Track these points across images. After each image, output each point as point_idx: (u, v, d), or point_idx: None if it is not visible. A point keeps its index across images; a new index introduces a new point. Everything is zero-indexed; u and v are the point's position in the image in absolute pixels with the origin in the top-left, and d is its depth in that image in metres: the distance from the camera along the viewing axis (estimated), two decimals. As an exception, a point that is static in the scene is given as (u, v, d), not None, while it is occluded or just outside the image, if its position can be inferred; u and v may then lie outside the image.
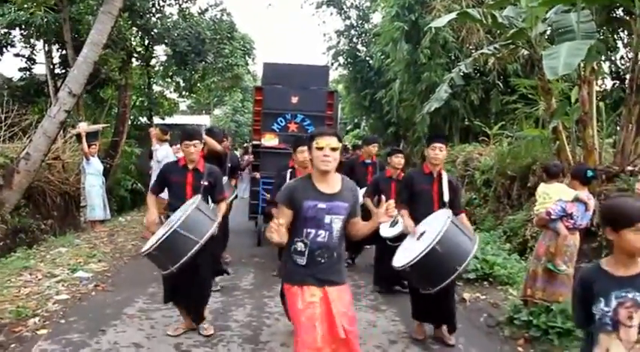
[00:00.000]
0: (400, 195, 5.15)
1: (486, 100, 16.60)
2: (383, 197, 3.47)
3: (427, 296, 4.43)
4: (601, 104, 10.75)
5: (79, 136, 10.19)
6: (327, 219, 3.27)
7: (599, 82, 12.55)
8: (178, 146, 6.07)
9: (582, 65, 8.76)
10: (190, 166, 4.89)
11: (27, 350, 4.43)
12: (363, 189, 6.75)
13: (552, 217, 5.07)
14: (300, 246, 3.27)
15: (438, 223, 4.35)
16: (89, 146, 9.97)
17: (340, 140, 3.34)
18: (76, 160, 11.95)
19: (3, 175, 9.51)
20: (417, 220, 4.73)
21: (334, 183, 3.36)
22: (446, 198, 4.74)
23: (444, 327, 4.93)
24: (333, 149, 3.24)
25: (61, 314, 5.32)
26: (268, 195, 7.07)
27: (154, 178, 7.79)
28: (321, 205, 3.26)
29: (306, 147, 3.48)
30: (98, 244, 8.82)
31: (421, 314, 4.94)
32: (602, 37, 11.87)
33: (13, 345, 4.51)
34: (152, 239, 4.55)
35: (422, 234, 4.48)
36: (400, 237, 5.26)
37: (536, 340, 4.83)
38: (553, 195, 5.23)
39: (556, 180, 5.46)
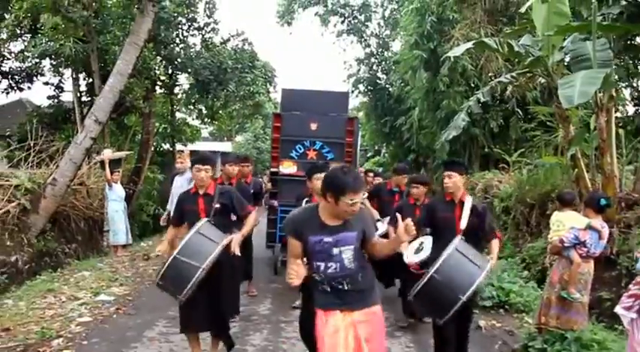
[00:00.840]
0: (419, 220, 5.16)
1: (506, 128, 16.63)
2: (398, 215, 3.44)
3: (447, 329, 4.31)
4: (621, 131, 10.76)
5: (102, 163, 10.50)
6: (335, 251, 3.25)
7: (621, 108, 12.54)
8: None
9: (600, 93, 8.85)
10: (201, 192, 4.75)
11: (51, 370, 4.57)
12: (387, 218, 6.49)
13: (565, 245, 5.11)
14: (317, 278, 3.30)
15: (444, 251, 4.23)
16: (112, 173, 10.29)
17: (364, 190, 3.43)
18: (100, 186, 12.23)
19: (30, 200, 9.77)
20: (438, 249, 4.46)
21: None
22: (462, 225, 4.55)
23: None
24: (363, 204, 3.31)
25: (84, 336, 5.49)
26: None
27: (170, 203, 7.99)
28: (327, 239, 3.24)
29: (322, 175, 3.52)
30: (120, 268, 9.02)
31: (442, 344, 4.66)
32: (622, 64, 11.93)
33: (38, 364, 4.66)
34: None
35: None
36: (426, 264, 5.02)
37: (552, 368, 4.84)
38: (567, 223, 5.27)
39: (570, 208, 5.51)
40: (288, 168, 9.44)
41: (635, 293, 3.69)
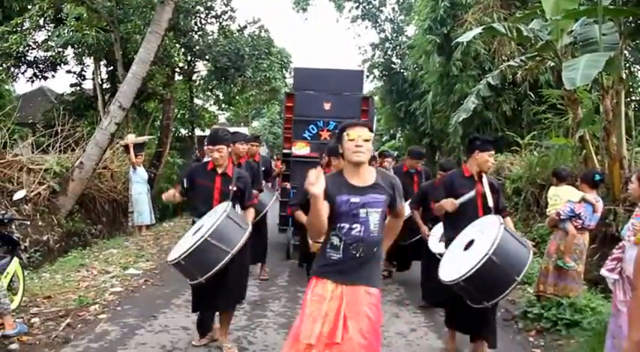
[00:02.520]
0: (425, 195, 5.27)
1: (519, 111, 16.80)
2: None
3: (462, 303, 4.15)
4: (630, 112, 10.95)
5: (126, 147, 10.95)
6: (362, 212, 3.09)
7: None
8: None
9: (605, 75, 9.08)
10: (219, 170, 4.62)
11: (91, 330, 5.09)
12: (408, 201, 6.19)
13: (562, 217, 5.48)
14: (335, 240, 3.11)
15: (488, 230, 4.05)
16: (136, 156, 10.73)
17: (372, 131, 3.19)
18: (124, 169, 12.75)
19: (59, 183, 10.29)
20: (460, 228, 4.39)
21: (368, 175, 3.19)
22: (490, 202, 4.42)
23: (484, 344, 4.48)
24: (366, 140, 3.10)
25: (117, 303, 5.99)
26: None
27: None
28: (355, 199, 3.09)
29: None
30: (145, 246, 9.51)
31: (457, 321, 4.59)
32: (636, 47, 12.03)
33: (79, 326, 5.21)
34: (179, 248, 4.32)
35: (470, 244, 4.15)
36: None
37: (546, 331, 5.24)
38: (563, 197, 5.64)
39: (565, 183, 5.86)
40: (301, 149, 9.21)
41: (617, 256, 4.06)
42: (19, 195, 6.54)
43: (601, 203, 5.56)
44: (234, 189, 4.59)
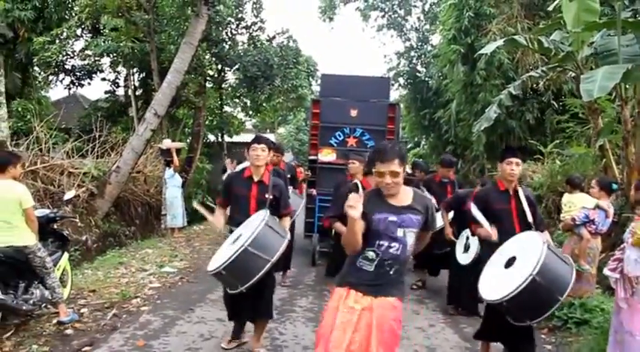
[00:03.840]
0: (457, 202, 5.29)
1: (542, 120, 16.96)
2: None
3: (501, 318, 4.04)
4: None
5: (165, 151, 11.36)
6: (400, 232, 3.17)
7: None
8: (233, 161, 5.84)
9: (625, 86, 9.29)
10: (256, 178, 4.63)
11: (135, 320, 5.57)
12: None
13: (577, 223, 5.80)
14: (371, 254, 3.17)
15: (531, 248, 3.94)
16: (173, 161, 11.21)
17: (403, 159, 3.16)
18: (156, 174, 13.30)
19: (97, 186, 10.86)
20: (497, 244, 4.26)
21: (405, 196, 3.25)
22: (529, 217, 4.32)
23: None
24: (394, 174, 3.11)
25: (157, 297, 6.48)
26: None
27: None
28: (392, 218, 3.16)
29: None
30: (178, 247, 10.02)
31: (492, 332, 4.47)
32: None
33: (124, 316, 5.71)
34: (218, 258, 4.28)
35: (511, 261, 4.04)
36: (477, 262, 5.02)
37: (557, 329, 5.56)
38: (577, 204, 5.96)
39: (578, 190, 6.18)
40: (327, 155, 9.15)
41: (618, 257, 4.38)
42: (69, 194, 7.02)
43: (612, 209, 5.85)
44: (271, 197, 4.57)
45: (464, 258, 6.08)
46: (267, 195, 4.56)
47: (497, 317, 4.13)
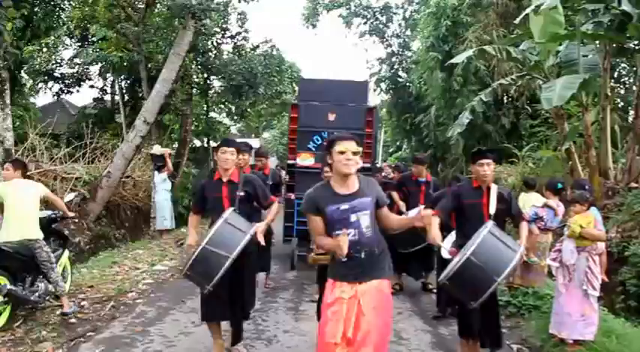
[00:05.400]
0: (439, 202, 5.11)
1: (517, 124, 17.62)
2: (402, 203, 3.83)
3: (472, 311, 4.23)
4: (616, 127, 11.79)
5: (157, 157, 11.68)
6: (353, 217, 3.35)
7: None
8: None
9: (584, 95, 9.93)
10: (225, 179, 4.68)
11: (132, 310, 6.11)
12: (416, 210, 6.23)
13: (527, 220, 6.41)
14: None
15: (477, 234, 4.17)
16: (163, 167, 11.64)
17: (359, 144, 3.41)
18: (145, 178, 13.77)
19: (89, 190, 11.33)
20: (467, 235, 4.41)
21: (352, 183, 3.44)
22: (492, 210, 4.50)
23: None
24: (355, 153, 3.35)
25: (150, 291, 7.01)
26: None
27: None
28: (344, 206, 3.36)
29: None
30: (167, 248, 10.50)
31: (466, 329, 4.67)
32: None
33: (122, 307, 6.24)
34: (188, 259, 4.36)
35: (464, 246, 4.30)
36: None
37: (513, 315, 6.19)
38: (531, 202, 6.60)
39: (533, 191, 6.83)
40: (305, 160, 9.14)
41: (558, 248, 5.03)
42: (69, 197, 7.53)
43: (562, 207, 6.48)
44: (242, 194, 4.61)
45: (447, 254, 6.36)
46: (237, 193, 4.59)
47: (468, 315, 4.35)
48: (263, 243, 4.47)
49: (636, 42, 10.71)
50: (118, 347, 4.92)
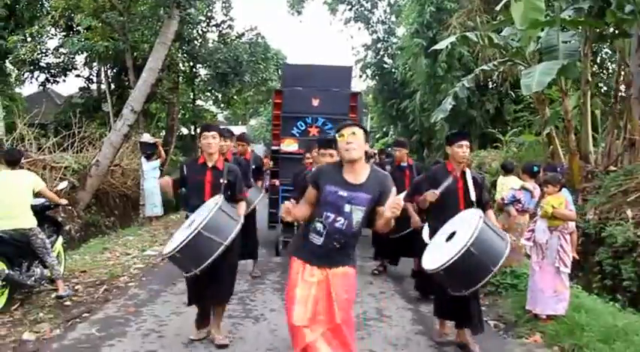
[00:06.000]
0: (417, 188, 5.21)
1: (501, 109, 17.85)
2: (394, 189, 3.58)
3: (448, 295, 4.32)
4: (597, 111, 12.06)
5: (145, 145, 11.81)
6: (347, 207, 3.33)
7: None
8: None
9: (564, 80, 10.16)
10: (209, 164, 4.71)
11: (124, 293, 6.30)
12: (403, 194, 6.74)
13: (505, 202, 6.69)
14: (319, 226, 3.35)
15: (469, 223, 4.18)
16: (152, 155, 11.76)
17: (364, 130, 3.42)
18: (133, 166, 13.91)
19: (79, 179, 11.47)
20: (444, 220, 4.52)
21: (361, 174, 3.40)
22: (473, 196, 4.58)
23: (467, 331, 4.73)
24: (354, 134, 3.32)
25: (141, 275, 7.20)
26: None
27: None
28: (342, 193, 3.33)
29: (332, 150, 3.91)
30: (157, 234, 10.67)
31: (445, 310, 4.81)
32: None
33: (114, 290, 6.43)
34: (173, 241, 4.43)
35: (452, 235, 4.28)
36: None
37: (491, 293, 6.46)
38: (509, 186, 6.87)
39: (511, 174, 7.10)
40: (289, 146, 9.08)
41: (532, 228, 5.30)
42: (62, 185, 7.69)
43: (538, 190, 6.74)
44: (225, 182, 4.67)
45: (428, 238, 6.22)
46: (221, 180, 4.66)
47: (443, 295, 4.44)
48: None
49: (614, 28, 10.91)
50: (112, 326, 5.11)
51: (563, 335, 4.85)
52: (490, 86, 18.30)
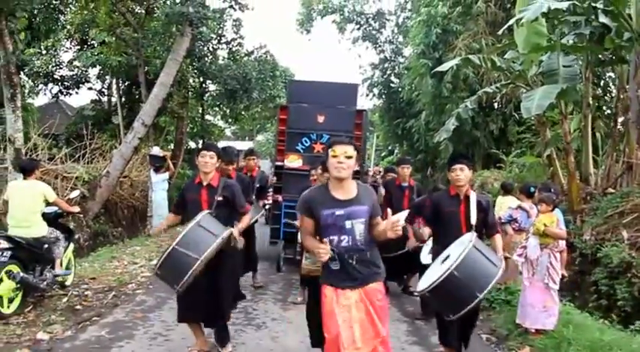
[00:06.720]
0: (419, 211, 5.21)
1: (505, 130, 18.08)
2: (389, 210, 3.55)
3: (450, 322, 4.27)
4: (597, 134, 12.28)
5: (155, 158, 12.06)
6: (348, 224, 3.36)
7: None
8: None
9: (564, 103, 10.40)
10: (205, 182, 4.72)
11: (132, 299, 6.58)
12: (401, 214, 6.21)
13: (502, 221, 6.92)
14: (330, 254, 3.32)
15: (461, 247, 4.11)
16: (161, 167, 12.01)
17: (357, 150, 3.42)
18: (142, 178, 14.21)
19: (89, 189, 11.77)
20: (446, 244, 4.43)
21: (350, 189, 3.43)
22: (472, 220, 4.48)
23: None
24: (348, 157, 3.32)
25: (149, 283, 7.44)
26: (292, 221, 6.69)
27: None
28: (339, 212, 3.35)
29: None
30: (163, 244, 10.84)
31: (444, 337, 4.77)
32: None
33: (122, 296, 6.71)
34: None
35: (446, 258, 4.21)
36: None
37: (485, 309, 6.64)
38: (507, 205, 7.12)
39: (509, 194, 7.35)
40: (293, 161, 9.09)
41: (524, 245, 5.54)
42: (74, 194, 7.96)
43: (535, 210, 6.96)
44: (220, 198, 4.65)
45: (428, 259, 5.93)
46: (216, 197, 4.65)
47: (445, 321, 4.34)
48: (240, 245, 4.74)
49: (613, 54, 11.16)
50: (121, 330, 5.38)
51: (550, 349, 5.07)
52: (495, 107, 18.54)
